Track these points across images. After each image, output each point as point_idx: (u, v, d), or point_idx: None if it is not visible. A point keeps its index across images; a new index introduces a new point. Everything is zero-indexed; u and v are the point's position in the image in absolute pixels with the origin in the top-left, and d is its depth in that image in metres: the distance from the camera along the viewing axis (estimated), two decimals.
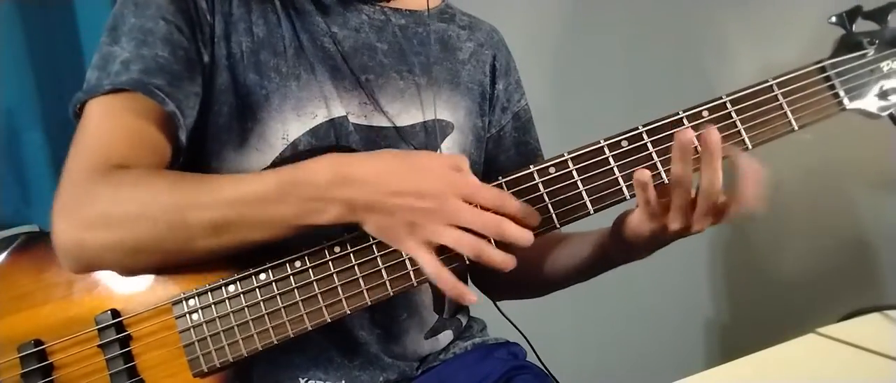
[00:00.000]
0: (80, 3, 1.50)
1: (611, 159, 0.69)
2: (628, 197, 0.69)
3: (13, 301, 0.73)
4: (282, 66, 0.80)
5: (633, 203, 0.70)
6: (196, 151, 0.78)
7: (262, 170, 0.77)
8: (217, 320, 0.71)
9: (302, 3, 0.84)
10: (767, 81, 0.70)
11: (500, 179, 0.69)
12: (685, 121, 0.68)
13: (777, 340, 0.84)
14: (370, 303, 0.70)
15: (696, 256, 1.56)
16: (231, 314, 0.71)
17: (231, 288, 0.71)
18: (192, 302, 0.71)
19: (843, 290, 1.35)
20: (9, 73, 1.45)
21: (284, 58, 0.81)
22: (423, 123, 0.86)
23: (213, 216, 0.67)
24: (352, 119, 0.82)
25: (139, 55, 0.73)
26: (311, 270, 0.70)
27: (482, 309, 1.00)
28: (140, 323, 0.72)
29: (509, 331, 0.98)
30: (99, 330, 0.71)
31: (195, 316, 0.71)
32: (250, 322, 0.70)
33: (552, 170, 0.69)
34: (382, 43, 0.87)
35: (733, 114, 0.69)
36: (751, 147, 0.69)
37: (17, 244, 0.76)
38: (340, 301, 0.70)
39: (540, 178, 0.69)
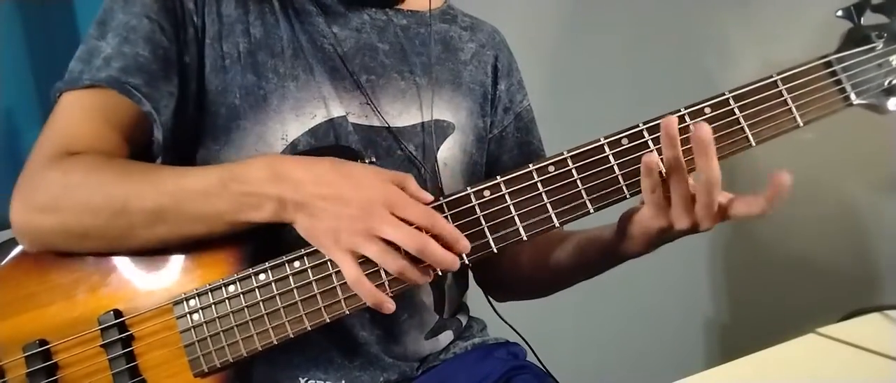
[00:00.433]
0: (80, 2, 1.50)
1: (611, 158, 0.68)
2: (628, 195, 0.69)
3: (19, 301, 0.74)
4: (280, 67, 0.80)
5: (633, 202, 0.70)
6: (194, 151, 0.78)
7: None
8: (217, 320, 0.71)
9: (302, 3, 0.84)
10: (771, 77, 0.68)
11: (498, 178, 0.69)
12: (687, 117, 0.68)
13: (777, 340, 0.84)
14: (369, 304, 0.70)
15: (697, 256, 1.56)
16: (231, 314, 0.71)
17: (231, 288, 0.71)
18: (192, 302, 0.71)
19: (843, 290, 1.35)
20: (9, 72, 1.45)
21: (282, 58, 0.81)
22: (423, 124, 0.86)
23: (152, 205, 0.69)
24: (351, 119, 0.82)
25: (121, 52, 0.74)
26: (310, 270, 0.70)
27: (482, 310, 1.00)
28: (142, 324, 0.72)
29: (509, 332, 0.98)
30: (102, 330, 0.72)
31: (196, 316, 0.71)
32: (250, 322, 0.70)
33: (551, 168, 0.69)
34: (384, 43, 0.87)
35: (736, 111, 0.68)
36: (755, 144, 0.68)
37: (22, 246, 0.76)
38: (339, 301, 0.70)
39: (539, 177, 0.69)
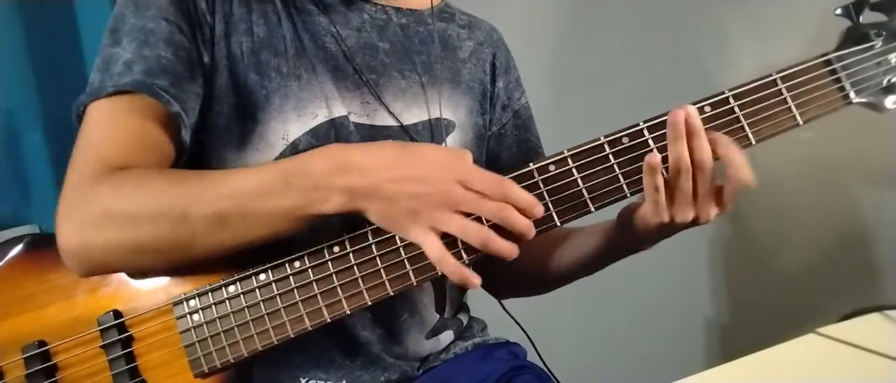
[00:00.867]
0: (80, 2, 1.49)
1: (611, 156, 0.69)
2: (628, 194, 0.69)
3: (17, 302, 0.74)
4: (282, 66, 0.80)
5: (633, 200, 0.70)
6: (196, 151, 0.78)
7: None
8: (217, 320, 0.71)
9: (303, 2, 0.84)
10: (771, 76, 0.69)
11: None
12: None
13: (777, 340, 0.84)
14: (370, 303, 0.69)
15: (697, 255, 1.56)
16: (231, 314, 0.71)
17: (231, 288, 0.71)
18: (192, 302, 0.71)
19: (843, 290, 1.35)
20: (9, 73, 1.45)
21: (285, 58, 0.81)
22: (425, 122, 0.87)
23: (215, 210, 0.67)
24: (353, 118, 0.82)
25: (141, 56, 0.73)
26: (310, 270, 0.70)
27: (483, 309, 1.00)
28: (142, 324, 0.72)
29: (510, 331, 0.98)
30: (101, 330, 0.72)
31: (196, 316, 0.71)
32: (250, 322, 0.70)
33: (552, 167, 0.69)
34: (384, 42, 0.87)
35: (736, 110, 0.68)
36: (754, 142, 0.68)
37: (21, 246, 0.76)
38: (340, 301, 0.70)
39: (539, 176, 0.69)
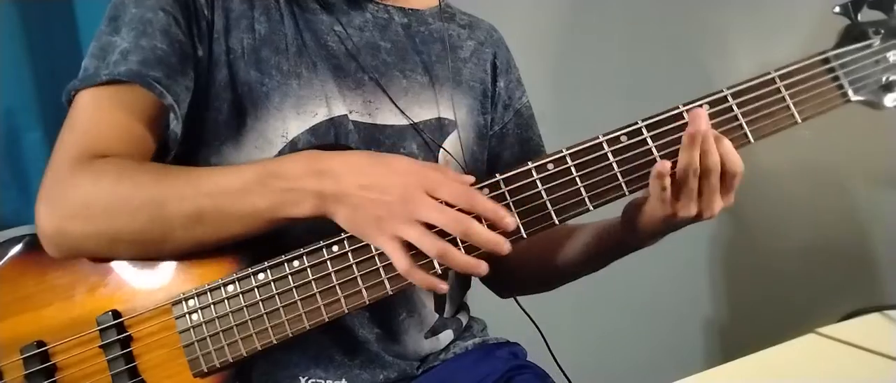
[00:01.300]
0: (79, 3, 1.49)
1: (610, 155, 0.68)
2: (627, 192, 0.69)
3: (16, 302, 0.74)
4: (283, 64, 0.80)
5: (633, 198, 0.70)
6: (195, 147, 0.78)
7: None
8: (216, 320, 0.71)
9: (306, 0, 0.84)
10: (769, 74, 0.69)
11: (497, 176, 0.69)
12: (685, 115, 0.68)
13: (777, 340, 0.84)
14: (368, 302, 0.69)
15: (697, 255, 1.56)
16: (230, 314, 0.71)
17: (230, 288, 0.71)
18: (191, 302, 0.71)
19: (843, 290, 1.35)
20: (8, 72, 1.44)
21: (286, 55, 0.81)
22: (426, 121, 0.86)
23: (191, 207, 0.68)
24: (353, 117, 0.82)
25: (138, 46, 0.74)
26: (309, 270, 0.70)
27: (483, 309, 1.00)
28: (141, 324, 0.72)
29: (510, 331, 0.97)
30: (100, 330, 0.72)
31: (195, 316, 0.71)
32: (249, 322, 0.70)
33: (550, 166, 0.69)
34: (386, 41, 0.87)
35: (735, 108, 0.68)
36: (753, 140, 0.68)
37: (20, 246, 0.76)
38: (339, 300, 0.70)
39: (538, 175, 0.69)
